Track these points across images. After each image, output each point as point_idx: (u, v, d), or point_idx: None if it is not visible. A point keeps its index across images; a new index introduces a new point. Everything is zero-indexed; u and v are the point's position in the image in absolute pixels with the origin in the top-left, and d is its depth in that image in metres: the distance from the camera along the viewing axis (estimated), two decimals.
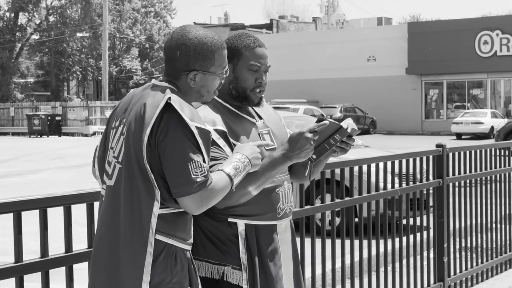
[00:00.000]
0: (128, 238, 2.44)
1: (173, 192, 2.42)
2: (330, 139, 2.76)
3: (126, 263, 2.44)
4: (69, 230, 3.01)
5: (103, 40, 44.38)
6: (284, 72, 45.46)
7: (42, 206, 2.90)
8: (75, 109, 43.24)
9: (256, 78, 2.85)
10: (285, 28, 64.76)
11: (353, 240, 4.77)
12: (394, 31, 46.52)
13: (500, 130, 24.59)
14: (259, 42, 2.88)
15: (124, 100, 2.63)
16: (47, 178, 16.62)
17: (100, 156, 2.64)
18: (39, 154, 24.74)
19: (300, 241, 4.04)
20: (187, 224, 2.55)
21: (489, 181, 6.62)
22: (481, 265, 6.43)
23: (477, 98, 43.42)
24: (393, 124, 43.27)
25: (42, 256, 2.91)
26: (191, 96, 2.60)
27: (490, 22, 42.84)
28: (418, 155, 5.59)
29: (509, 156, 7.00)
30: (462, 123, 35.36)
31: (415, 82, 44.21)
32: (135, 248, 2.42)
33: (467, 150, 6.25)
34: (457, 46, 41.77)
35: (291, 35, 53.47)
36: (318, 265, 4.46)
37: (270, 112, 3.05)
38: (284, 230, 2.92)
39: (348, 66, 45.63)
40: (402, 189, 5.36)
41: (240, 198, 2.69)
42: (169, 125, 2.42)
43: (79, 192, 3.06)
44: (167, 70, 2.61)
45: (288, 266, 2.93)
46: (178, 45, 2.56)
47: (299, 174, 3.05)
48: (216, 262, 2.76)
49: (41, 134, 40.75)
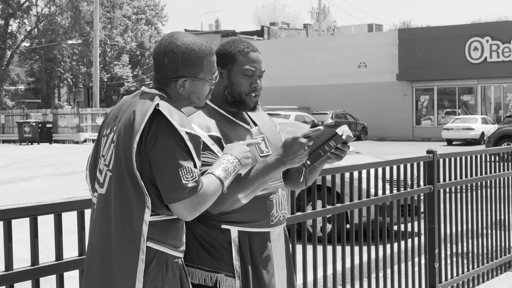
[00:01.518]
0: (120, 246, 2.43)
1: (165, 198, 2.41)
2: (324, 146, 2.76)
3: (119, 271, 2.43)
4: (59, 238, 3.00)
5: (94, 47, 44.33)
6: (275, 79, 45.50)
7: (32, 214, 2.89)
8: (66, 116, 43.13)
9: (251, 83, 2.85)
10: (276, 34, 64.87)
11: (344, 246, 4.77)
12: (384, 37, 46.67)
13: (491, 136, 24.69)
14: (252, 47, 2.89)
15: (115, 107, 2.63)
16: (38, 185, 16.56)
17: (92, 163, 2.63)
18: (30, 162, 24.65)
19: (292, 248, 4.04)
20: (178, 231, 2.54)
21: (480, 187, 6.63)
22: (472, 270, 6.44)
23: (467, 104, 43.58)
24: (384, 130, 43.37)
25: (32, 264, 2.90)
26: (181, 103, 2.59)
27: (480, 28, 43.06)
28: (409, 161, 5.60)
29: (500, 162, 7.02)
30: (453, 129, 35.47)
31: (406, 88, 44.34)
32: (127, 256, 2.42)
33: (458, 156, 6.27)
34: (447, 52, 41.94)
35: (282, 42, 53.54)
36: (310, 271, 4.46)
37: (266, 118, 3.05)
38: (277, 238, 2.91)
39: (339, 73, 45.73)
40: (393, 195, 5.37)
41: (234, 204, 2.68)
42: (159, 131, 2.42)
43: (69, 200, 3.04)
44: (156, 77, 2.61)
45: (281, 273, 2.92)
46: (166, 52, 2.55)
47: (294, 180, 3.05)
48: (209, 269, 2.76)
49: (32, 142, 40.61)
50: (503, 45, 41.18)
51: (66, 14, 62.53)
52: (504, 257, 6.99)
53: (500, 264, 6.95)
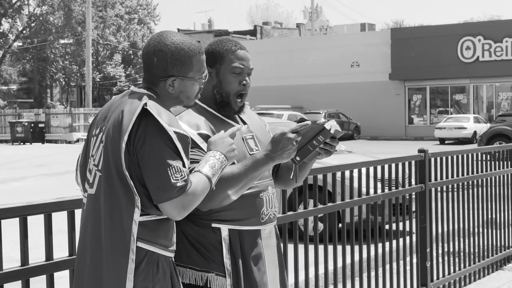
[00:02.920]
0: (110, 246, 2.42)
1: (154, 198, 2.41)
2: (313, 141, 2.76)
3: (109, 271, 2.43)
4: (49, 238, 2.98)
5: (86, 47, 44.21)
6: (268, 78, 45.51)
7: (22, 214, 2.88)
8: (58, 116, 43.00)
9: (240, 81, 2.86)
10: (269, 34, 64.89)
11: (336, 246, 4.77)
12: (377, 37, 46.73)
13: (483, 135, 24.74)
14: (240, 45, 2.90)
15: (104, 107, 2.62)
16: (31, 185, 16.51)
17: (82, 164, 2.62)
18: (22, 162, 24.57)
19: (283, 247, 4.04)
20: (169, 231, 2.54)
21: (472, 186, 6.65)
22: (464, 269, 6.45)
23: (460, 103, 43.68)
24: (377, 130, 43.43)
25: (22, 264, 2.88)
26: (170, 102, 2.59)
27: (472, 27, 43.14)
28: (400, 160, 5.61)
29: (492, 160, 7.03)
30: (445, 128, 35.54)
31: (399, 88, 44.42)
32: (117, 256, 2.41)
33: (449, 155, 6.28)
34: (440, 51, 42.03)
35: (274, 41, 53.54)
36: (301, 271, 4.46)
37: (255, 118, 3.06)
38: (268, 235, 2.91)
39: (332, 72, 45.77)
40: (385, 194, 5.38)
41: (224, 200, 2.68)
42: (147, 131, 2.41)
43: (59, 200, 3.03)
44: (145, 76, 2.60)
45: (273, 271, 2.92)
46: (155, 51, 2.55)
47: (284, 178, 3.06)
48: (199, 269, 2.76)
49: (24, 142, 40.46)
50: (495, 44, 41.29)
51: (58, 13, 62.36)
52: (495, 255, 7.01)
53: (492, 263, 6.97)
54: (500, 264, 7.14)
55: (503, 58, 41.16)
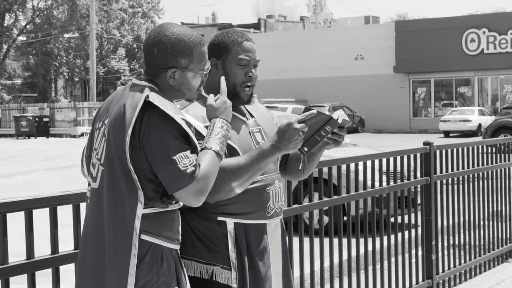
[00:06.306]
0: (112, 241, 2.42)
1: (168, 188, 2.40)
2: (321, 131, 2.72)
3: (111, 266, 2.42)
4: (55, 232, 2.99)
5: (91, 41, 44.19)
6: (272, 72, 45.44)
7: (27, 207, 2.88)
8: (62, 110, 43.02)
9: (246, 72, 2.84)
10: (273, 27, 64.80)
11: (341, 238, 4.76)
12: (381, 30, 46.62)
13: (488, 128, 24.70)
14: (246, 37, 2.88)
15: (107, 100, 2.61)
16: (36, 179, 16.54)
17: (87, 157, 2.62)
18: (27, 156, 24.61)
19: (289, 240, 4.04)
20: (174, 223, 2.53)
21: (477, 178, 6.63)
22: (469, 262, 6.45)
23: (464, 96, 43.59)
24: (382, 123, 43.37)
25: (28, 258, 2.89)
26: (172, 95, 2.57)
27: (477, 20, 43.00)
28: (405, 153, 5.60)
29: (497, 153, 7.02)
30: (450, 121, 35.47)
31: (403, 81, 44.33)
32: (120, 251, 2.41)
33: (455, 147, 6.27)
34: (444, 44, 41.92)
35: (278, 35, 53.48)
36: (307, 264, 4.45)
37: (262, 110, 3.04)
38: (274, 230, 2.90)
39: (336, 65, 45.69)
40: (390, 187, 5.37)
41: (230, 192, 2.67)
42: (151, 123, 2.40)
43: (65, 193, 3.03)
44: (146, 69, 2.59)
45: (277, 265, 2.92)
46: (155, 43, 2.53)
47: (293, 169, 3.04)
48: (205, 262, 2.75)
49: (28, 136, 40.51)
50: (500, 36, 41.17)
51: (63, 7, 62.32)
52: (501, 248, 7.00)
53: (497, 256, 6.96)
54: (505, 257, 7.13)
55: (508, 51, 41.04)
